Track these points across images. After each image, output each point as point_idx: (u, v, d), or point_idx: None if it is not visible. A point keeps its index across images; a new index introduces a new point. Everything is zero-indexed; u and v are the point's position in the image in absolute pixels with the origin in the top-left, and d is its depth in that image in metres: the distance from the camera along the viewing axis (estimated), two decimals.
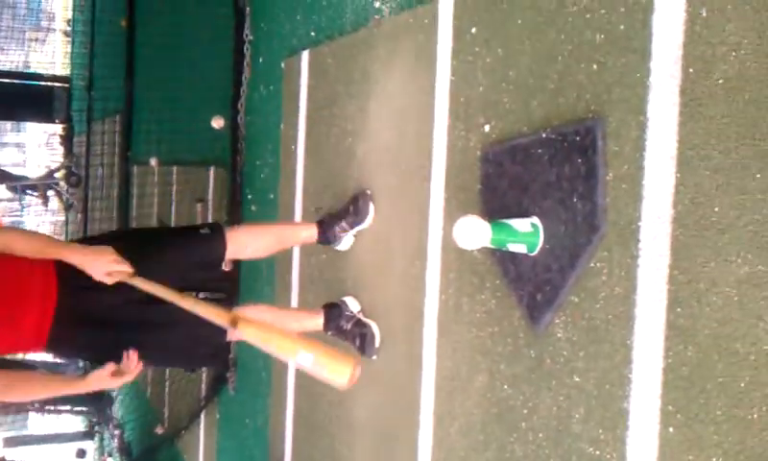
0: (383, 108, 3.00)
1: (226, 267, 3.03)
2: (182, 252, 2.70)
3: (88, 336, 2.51)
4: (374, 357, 2.94)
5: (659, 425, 1.70)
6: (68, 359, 5.15)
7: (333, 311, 3.04)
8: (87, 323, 2.48)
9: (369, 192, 3.00)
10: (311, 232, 3.05)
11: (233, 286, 2.96)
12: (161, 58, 7.09)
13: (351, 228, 3.03)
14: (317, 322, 3.02)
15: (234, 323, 2.14)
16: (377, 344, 2.94)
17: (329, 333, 3.04)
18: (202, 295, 2.84)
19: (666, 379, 1.68)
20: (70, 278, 2.39)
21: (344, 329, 3.00)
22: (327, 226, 3.03)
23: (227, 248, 2.78)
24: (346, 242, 3.12)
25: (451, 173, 2.51)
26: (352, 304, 3.09)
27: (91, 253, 2.38)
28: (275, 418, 4.09)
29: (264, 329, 2.15)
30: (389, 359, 2.89)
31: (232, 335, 2.48)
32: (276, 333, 2.11)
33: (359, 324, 2.99)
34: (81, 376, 2.53)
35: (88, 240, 3.12)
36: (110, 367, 2.39)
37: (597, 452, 1.86)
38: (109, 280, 2.37)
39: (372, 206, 2.98)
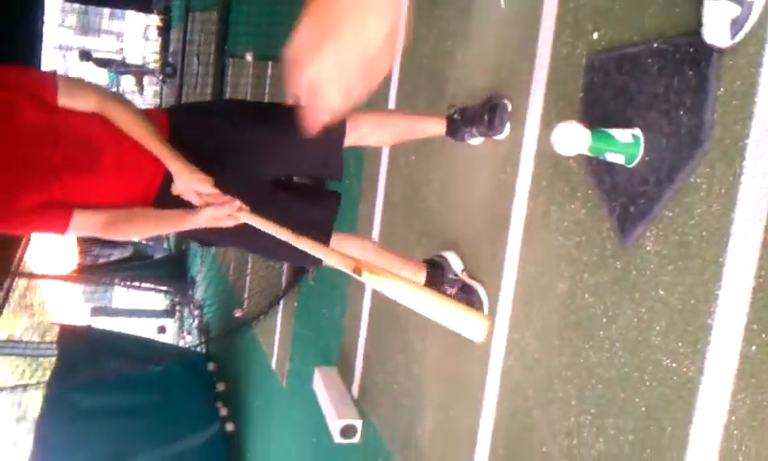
0: (487, 10, 2.96)
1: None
2: (294, 136, 2.30)
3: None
4: None
5: (741, 343, 1.70)
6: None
7: (436, 272, 2.88)
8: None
9: (509, 105, 2.72)
10: (439, 128, 2.84)
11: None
12: None
13: (482, 137, 2.83)
14: (418, 278, 2.84)
15: (358, 271, 1.99)
16: (485, 312, 2.76)
17: None
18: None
19: (755, 298, 1.68)
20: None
21: (447, 294, 2.79)
22: (456, 127, 2.81)
23: (345, 134, 2.59)
24: (475, 141, 2.91)
25: (553, 79, 2.49)
26: (455, 263, 2.93)
27: (189, 173, 2.27)
28: (351, 310, 4.21)
29: (391, 279, 1.94)
30: (470, 260, 2.93)
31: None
32: (404, 284, 1.91)
33: (465, 288, 2.82)
34: (189, 211, 2.29)
35: (182, 109, 3.02)
36: (227, 207, 2.24)
37: (674, 365, 1.88)
38: (197, 201, 2.28)
39: (508, 124, 2.72)
